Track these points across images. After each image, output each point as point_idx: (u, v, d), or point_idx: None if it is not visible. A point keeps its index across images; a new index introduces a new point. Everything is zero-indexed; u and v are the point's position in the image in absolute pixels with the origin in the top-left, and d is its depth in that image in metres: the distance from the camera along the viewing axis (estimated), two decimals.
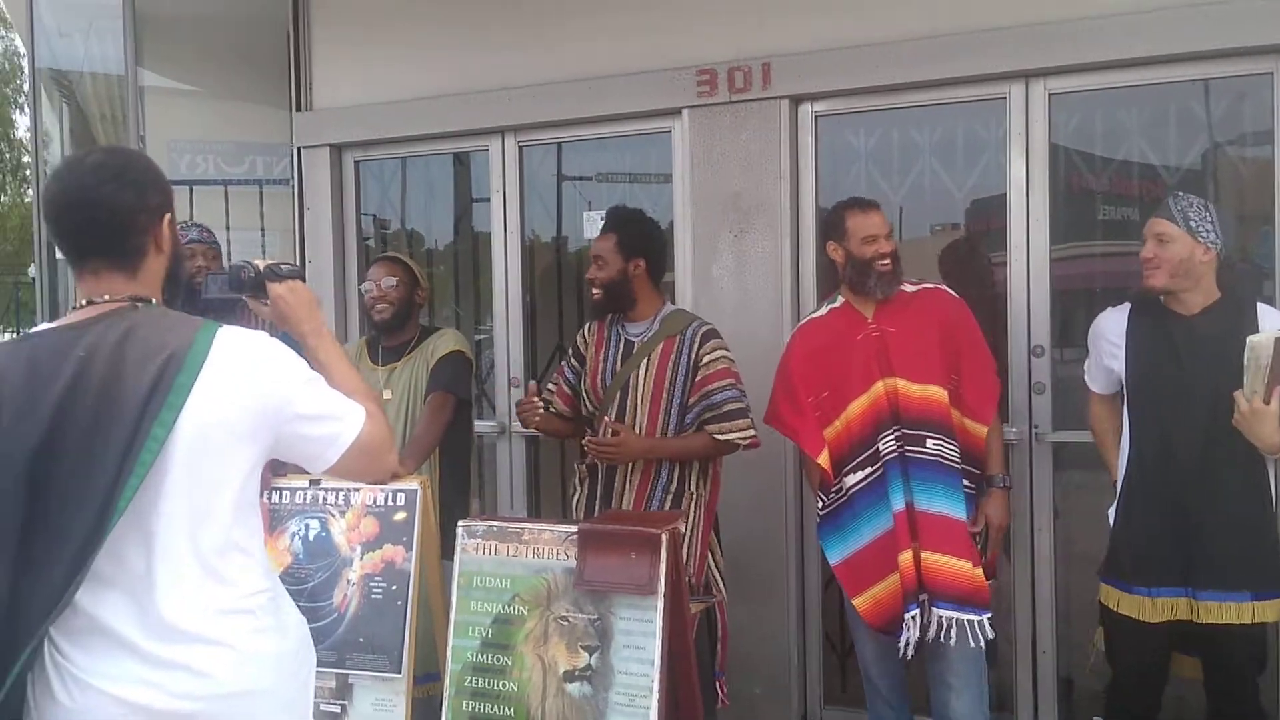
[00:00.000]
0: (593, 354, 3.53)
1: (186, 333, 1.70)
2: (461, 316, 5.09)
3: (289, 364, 1.79)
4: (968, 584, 3.07)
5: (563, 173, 4.75)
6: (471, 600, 2.74)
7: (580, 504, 3.50)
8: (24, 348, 1.70)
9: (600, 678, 2.55)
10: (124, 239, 1.77)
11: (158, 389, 1.63)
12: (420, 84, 4.70)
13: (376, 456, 1.88)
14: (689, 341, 3.37)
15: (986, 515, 3.26)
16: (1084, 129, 3.85)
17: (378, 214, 5.12)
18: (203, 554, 1.69)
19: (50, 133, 6.78)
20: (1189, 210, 2.99)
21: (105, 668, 1.64)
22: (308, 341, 1.97)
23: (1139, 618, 3.00)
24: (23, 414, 1.62)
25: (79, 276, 1.79)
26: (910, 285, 3.35)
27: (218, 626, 1.70)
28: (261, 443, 1.75)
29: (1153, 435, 3.02)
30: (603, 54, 4.35)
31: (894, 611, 3.14)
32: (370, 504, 3.04)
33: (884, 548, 3.16)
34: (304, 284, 2.02)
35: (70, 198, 1.74)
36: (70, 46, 6.39)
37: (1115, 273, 3.83)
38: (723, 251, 4.14)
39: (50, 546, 1.59)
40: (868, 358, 3.24)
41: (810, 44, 4.00)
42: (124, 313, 1.73)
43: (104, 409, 1.62)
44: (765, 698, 4.06)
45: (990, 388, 3.30)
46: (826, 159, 4.13)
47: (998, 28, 3.74)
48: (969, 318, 3.34)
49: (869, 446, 3.21)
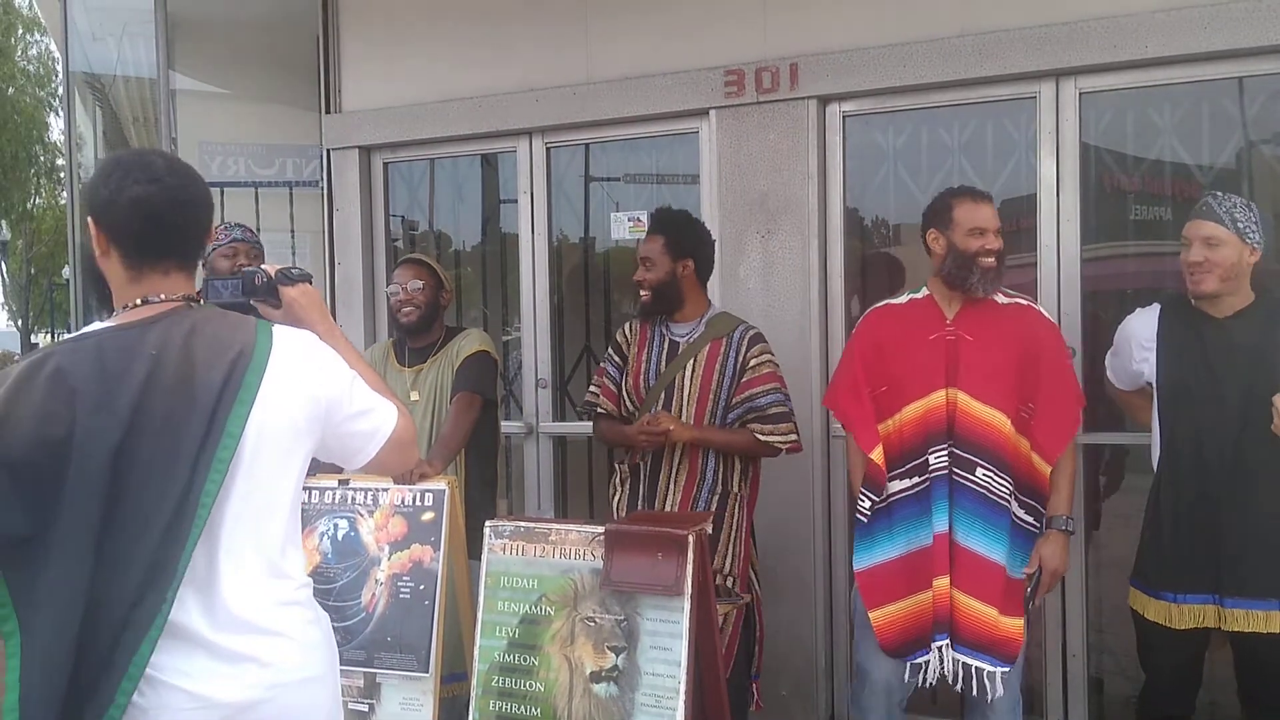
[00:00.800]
0: (635, 353, 3.51)
1: (249, 331, 1.75)
2: (489, 318, 5.11)
3: (337, 363, 1.86)
4: (989, 632, 2.89)
5: (590, 174, 4.76)
6: (498, 600, 2.75)
7: (621, 504, 3.46)
8: (88, 344, 1.69)
9: (627, 679, 2.55)
10: (202, 241, 1.84)
11: (229, 387, 1.67)
12: (448, 86, 4.72)
13: (406, 449, 1.96)
14: (736, 344, 3.36)
15: (1041, 558, 2.98)
16: (1115, 128, 3.81)
17: (406, 215, 5.15)
18: (266, 548, 1.74)
19: (84, 136, 6.86)
20: (1235, 211, 2.91)
21: (177, 663, 1.64)
22: (323, 342, 2.00)
23: (1166, 624, 2.97)
24: (99, 408, 1.61)
25: (141, 276, 1.77)
26: (1003, 296, 3.10)
27: (279, 618, 1.74)
28: (314, 438, 1.81)
29: (1184, 439, 2.97)
30: (630, 55, 4.36)
31: (909, 635, 2.98)
32: (398, 504, 3.05)
33: (915, 565, 2.98)
34: (313, 286, 2.07)
35: (168, 197, 1.75)
36: (103, 50, 6.46)
37: (1148, 273, 3.79)
38: (750, 252, 4.13)
39: (128, 547, 1.60)
40: (935, 360, 3.02)
41: (838, 44, 3.99)
42: (183, 312, 1.76)
43: (178, 407, 1.64)
44: (793, 699, 4.05)
45: (1066, 425, 3.00)
46: (854, 159, 4.12)
47: (1027, 26, 3.71)
48: (1059, 344, 3.09)
49: (919, 456, 3.01)
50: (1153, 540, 3.04)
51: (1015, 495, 2.98)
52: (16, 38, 25.41)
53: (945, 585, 2.91)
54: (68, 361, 1.65)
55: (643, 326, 3.54)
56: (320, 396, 1.79)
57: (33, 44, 25.84)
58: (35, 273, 27.29)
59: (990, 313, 3.06)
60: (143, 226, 1.76)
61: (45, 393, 1.61)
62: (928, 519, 2.97)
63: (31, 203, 26.54)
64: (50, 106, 25.44)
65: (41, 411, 1.60)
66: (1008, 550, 2.94)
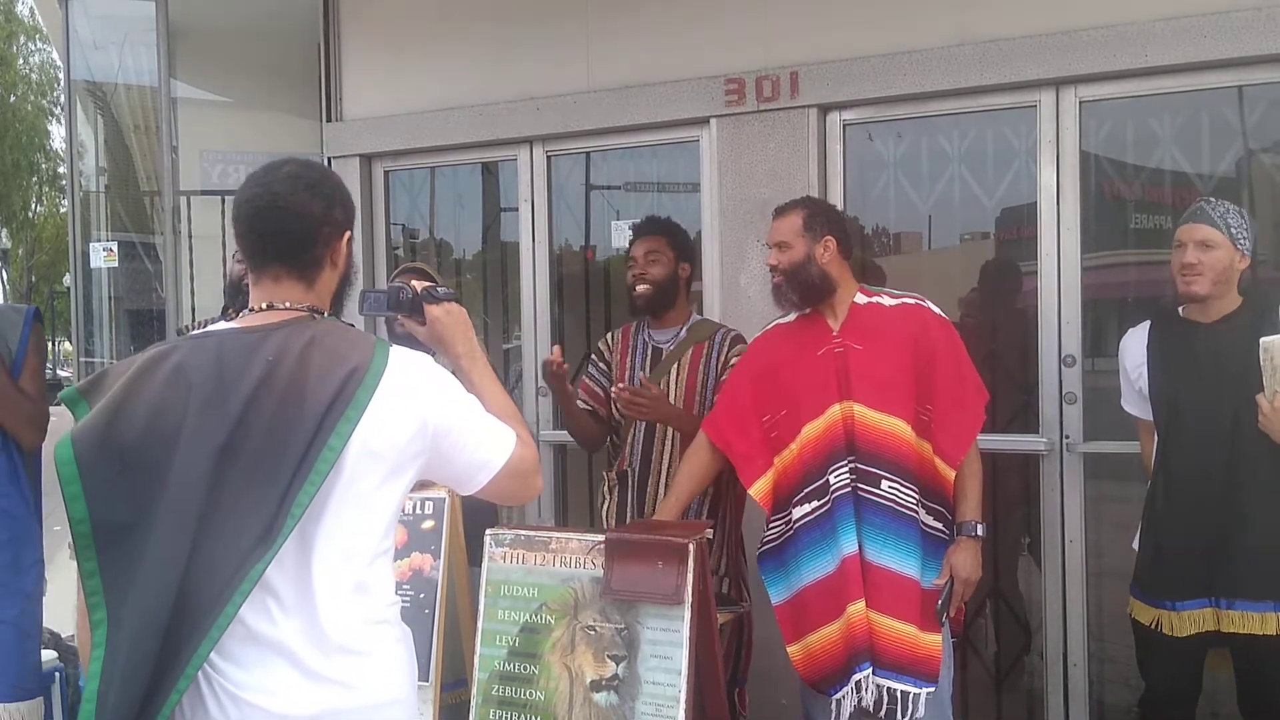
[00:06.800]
0: (618, 360, 3.54)
1: (366, 348, 1.73)
2: (490, 326, 5.11)
3: (452, 388, 1.83)
4: (908, 651, 2.78)
5: (591, 182, 4.77)
6: (499, 609, 2.75)
7: (610, 513, 3.48)
8: (210, 342, 1.70)
9: (627, 687, 2.55)
10: (307, 249, 1.79)
11: (338, 400, 1.65)
12: (449, 95, 4.73)
13: (525, 479, 1.91)
14: (717, 346, 3.42)
15: (953, 567, 2.88)
16: (1115, 136, 3.82)
17: (407, 224, 5.15)
18: (356, 566, 1.70)
19: (85, 144, 6.88)
20: (1228, 216, 2.94)
21: (260, 680, 1.62)
22: (462, 364, 1.99)
23: (1168, 632, 2.96)
24: (211, 405, 1.62)
25: (257, 281, 1.81)
26: (890, 297, 3.02)
27: (366, 637, 1.71)
28: (420, 462, 1.78)
29: (1178, 445, 2.97)
30: (630, 64, 4.37)
31: (829, 667, 2.85)
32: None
33: (825, 593, 2.85)
34: (460, 306, 2.05)
35: (264, 202, 1.76)
36: (105, 59, 6.49)
37: (1148, 281, 3.79)
38: (751, 260, 4.14)
39: (222, 548, 1.58)
40: (826, 375, 2.92)
41: (838, 53, 3.99)
42: (305, 321, 1.75)
43: (286, 414, 1.63)
44: (791, 709, 4.03)
45: (967, 427, 2.90)
46: (854, 168, 4.12)
47: (1028, 35, 3.72)
48: (953, 341, 2.96)
49: (820, 477, 2.88)
50: (1150, 548, 3.03)
51: (922, 503, 2.88)
52: (18, 46, 25.50)
53: (861, 609, 2.79)
54: (189, 357, 1.67)
55: (624, 334, 3.58)
56: (429, 420, 1.75)
57: (34, 52, 25.94)
58: (36, 280, 27.34)
59: (877, 317, 2.98)
60: (244, 230, 1.79)
61: (164, 384, 1.64)
62: (834, 542, 2.85)
63: (33, 210, 26.59)
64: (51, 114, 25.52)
65: (158, 402, 1.62)
66: (920, 562, 2.85)
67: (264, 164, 1.82)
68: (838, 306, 3.02)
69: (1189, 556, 2.93)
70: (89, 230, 6.69)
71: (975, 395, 2.95)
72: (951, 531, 2.94)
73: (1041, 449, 3.78)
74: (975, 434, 2.93)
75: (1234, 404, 2.86)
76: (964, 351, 2.98)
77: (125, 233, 6.71)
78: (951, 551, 2.91)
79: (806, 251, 2.99)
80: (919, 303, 3.02)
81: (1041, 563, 3.84)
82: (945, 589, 2.89)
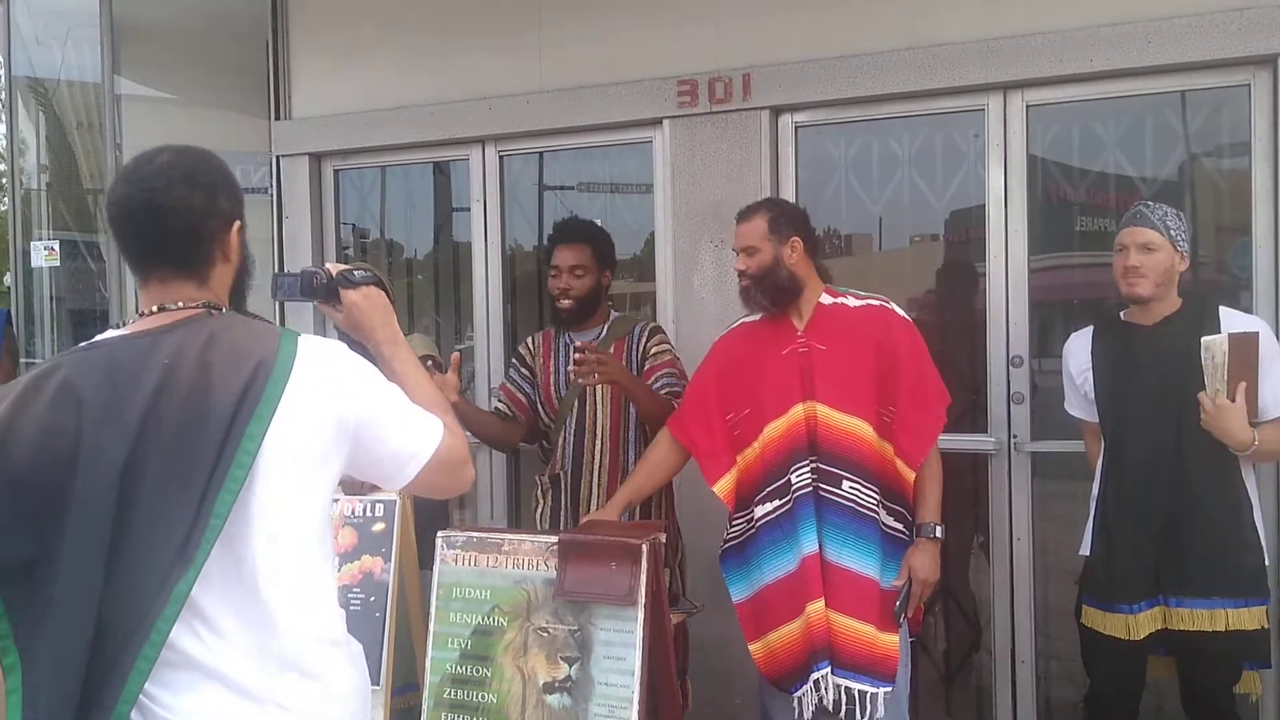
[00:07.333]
0: (541, 364, 3.57)
1: (271, 339, 1.61)
2: (442, 326, 5.08)
3: (370, 377, 1.72)
4: (867, 651, 2.82)
5: (544, 182, 4.75)
6: (451, 611, 2.72)
7: (544, 516, 3.51)
8: (97, 354, 1.57)
9: (580, 689, 2.54)
10: (193, 246, 1.66)
11: (247, 398, 1.53)
12: (400, 93, 4.69)
13: (455, 471, 1.81)
14: (637, 339, 3.48)
15: (911, 569, 2.92)
16: (1062, 140, 3.87)
17: (357, 223, 5.10)
18: (292, 576, 1.59)
19: (26, 141, 6.74)
20: (1167, 219, 3.00)
21: (192, 705, 1.52)
22: (382, 350, 1.89)
23: (1125, 636, 2.98)
24: (108, 421, 1.49)
25: (144, 284, 1.67)
26: (855, 299, 3.04)
27: (318, 657, 1.63)
28: (342, 457, 1.67)
29: (1124, 447, 3.02)
30: (583, 64, 4.35)
31: (789, 665, 2.89)
32: (348, 515, 3.01)
33: (786, 591, 2.88)
34: (379, 290, 1.92)
35: (138, 202, 1.62)
36: (47, 54, 6.36)
37: (1093, 283, 3.85)
38: (704, 262, 4.14)
39: (138, 570, 1.46)
40: (789, 375, 2.95)
41: (790, 55, 4.01)
42: (202, 319, 1.63)
43: (191, 419, 1.51)
44: (745, 708, 4.04)
45: (927, 429, 2.91)
46: (806, 169, 4.14)
47: (976, 40, 3.76)
48: (916, 343, 2.98)
49: (781, 476, 2.91)
50: (1103, 552, 3.05)
51: (883, 503, 2.92)
52: None
53: (820, 608, 2.82)
54: (75, 371, 1.54)
55: (545, 338, 3.61)
56: (348, 412, 1.64)
57: None
58: None
59: (841, 318, 3.00)
60: (120, 233, 1.66)
61: (51, 404, 1.50)
62: (795, 541, 2.88)
63: None
64: None
65: (47, 424, 1.49)
66: (880, 562, 2.88)
67: (135, 157, 1.67)
68: (803, 306, 3.03)
69: (1140, 557, 2.97)
70: (30, 229, 6.56)
71: (937, 398, 2.97)
72: (911, 533, 2.97)
73: (990, 448, 3.82)
74: (936, 436, 2.95)
75: (1177, 404, 2.91)
76: (927, 354, 3.00)
77: (68, 231, 6.59)
78: (910, 553, 2.94)
79: (774, 254, 3.00)
80: (884, 304, 3.03)
81: (990, 561, 3.88)
82: (904, 590, 2.92)
